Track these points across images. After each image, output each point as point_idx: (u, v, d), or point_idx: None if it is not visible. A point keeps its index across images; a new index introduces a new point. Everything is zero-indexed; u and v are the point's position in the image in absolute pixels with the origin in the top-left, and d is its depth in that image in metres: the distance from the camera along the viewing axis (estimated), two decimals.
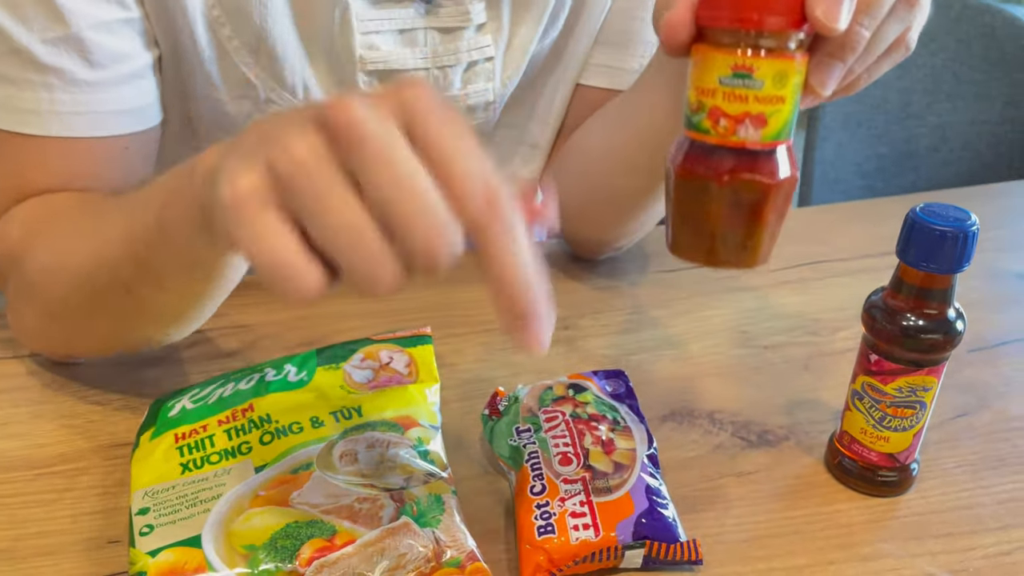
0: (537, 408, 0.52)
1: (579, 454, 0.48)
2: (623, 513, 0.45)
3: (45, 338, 0.57)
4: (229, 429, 0.48)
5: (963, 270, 0.44)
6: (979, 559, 0.47)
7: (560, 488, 0.46)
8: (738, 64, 0.34)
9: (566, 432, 0.49)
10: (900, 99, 1.16)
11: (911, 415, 0.48)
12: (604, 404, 0.52)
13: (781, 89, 0.34)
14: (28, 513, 0.48)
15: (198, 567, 0.40)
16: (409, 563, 0.41)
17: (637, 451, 0.48)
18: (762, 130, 0.35)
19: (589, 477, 0.46)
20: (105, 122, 0.55)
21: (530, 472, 0.47)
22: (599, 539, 0.44)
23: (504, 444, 0.50)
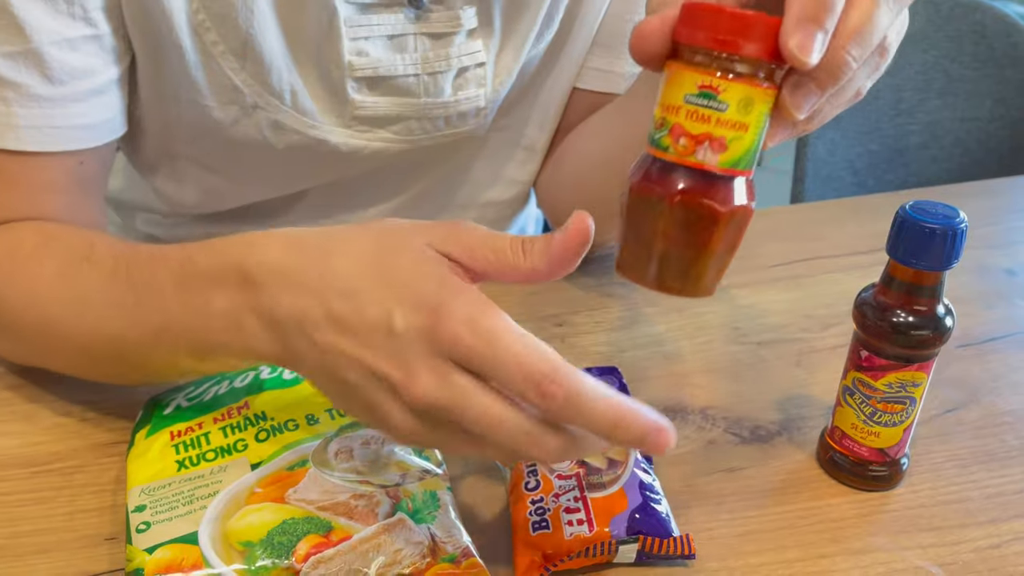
0: None
1: None
2: (617, 508, 0.45)
3: (14, 358, 0.57)
4: (224, 426, 0.49)
5: (952, 267, 0.44)
6: (968, 552, 0.47)
7: (554, 484, 0.46)
8: (705, 84, 0.33)
9: None
10: (891, 96, 1.17)
11: (901, 410, 0.48)
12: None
13: (745, 116, 0.34)
14: (24, 511, 0.48)
15: (195, 564, 0.40)
16: (405, 559, 0.42)
17: (629, 452, 0.49)
18: (721, 155, 0.34)
19: (583, 473, 0.47)
20: (61, 137, 0.54)
21: (524, 468, 0.48)
22: (593, 534, 0.44)
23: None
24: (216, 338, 0.43)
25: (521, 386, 0.35)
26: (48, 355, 0.54)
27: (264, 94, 0.59)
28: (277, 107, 0.60)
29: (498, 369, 0.36)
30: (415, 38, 0.62)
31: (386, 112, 0.63)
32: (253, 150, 0.63)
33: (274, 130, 0.61)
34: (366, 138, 0.63)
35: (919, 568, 0.46)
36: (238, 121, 0.60)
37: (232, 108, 0.60)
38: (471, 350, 0.36)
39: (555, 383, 0.35)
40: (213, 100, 0.60)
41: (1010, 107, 1.18)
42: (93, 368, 0.53)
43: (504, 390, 0.37)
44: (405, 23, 0.61)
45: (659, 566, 0.46)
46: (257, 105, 0.60)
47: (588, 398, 0.35)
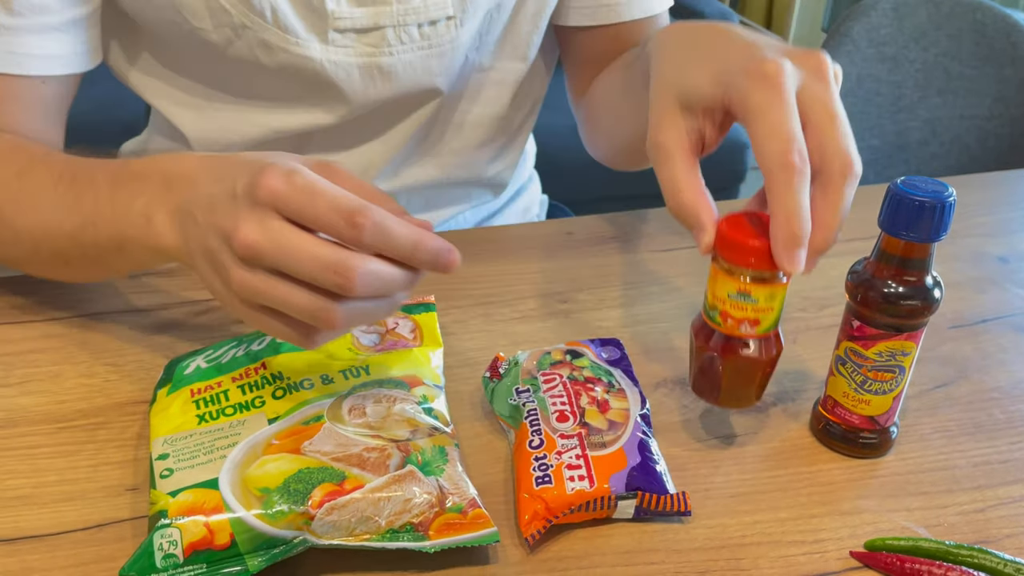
0: (536, 371, 0.54)
1: (575, 412, 0.50)
2: (617, 466, 0.47)
3: None
4: (243, 385, 0.51)
5: (941, 239, 0.46)
6: (954, 515, 0.49)
7: (557, 442, 0.48)
8: (741, 288, 0.46)
9: (563, 392, 0.52)
10: (892, 93, 1.19)
11: (891, 379, 0.50)
12: (600, 369, 0.54)
13: (771, 303, 0.47)
14: (50, 463, 0.51)
15: (215, 507, 0.42)
16: (414, 508, 0.44)
17: (631, 411, 0.51)
18: (756, 327, 0.48)
19: (585, 433, 0.49)
20: (19, 62, 0.60)
21: (529, 428, 0.50)
22: (593, 489, 0.46)
23: (504, 404, 0.53)
24: (132, 230, 0.50)
25: (334, 222, 0.41)
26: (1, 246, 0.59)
27: (248, 13, 0.62)
28: (262, 26, 0.63)
29: (312, 210, 0.41)
30: None
31: (364, 23, 0.65)
32: (250, 74, 0.66)
33: (263, 50, 0.64)
34: (347, 53, 0.66)
35: (905, 528, 0.48)
36: (232, 43, 0.64)
37: (225, 30, 0.63)
38: (288, 197, 0.41)
39: (363, 215, 0.41)
40: (208, 23, 0.63)
41: (1009, 105, 1.20)
42: (31, 259, 0.59)
43: (322, 230, 0.41)
44: None
45: (656, 522, 0.48)
46: (244, 25, 0.63)
47: (392, 224, 0.41)
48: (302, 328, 0.44)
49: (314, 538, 0.43)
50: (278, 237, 0.41)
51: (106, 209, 0.52)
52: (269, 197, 0.41)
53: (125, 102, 0.82)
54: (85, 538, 0.46)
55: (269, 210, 0.41)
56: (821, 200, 0.44)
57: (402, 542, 0.43)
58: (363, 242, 0.41)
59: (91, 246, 0.53)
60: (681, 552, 0.46)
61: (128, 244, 0.51)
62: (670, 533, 0.47)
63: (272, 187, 0.41)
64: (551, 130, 1.33)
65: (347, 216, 0.41)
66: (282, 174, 0.41)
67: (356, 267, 0.41)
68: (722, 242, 0.48)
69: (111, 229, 0.51)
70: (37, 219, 0.55)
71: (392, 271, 0.43)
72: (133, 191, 0.50)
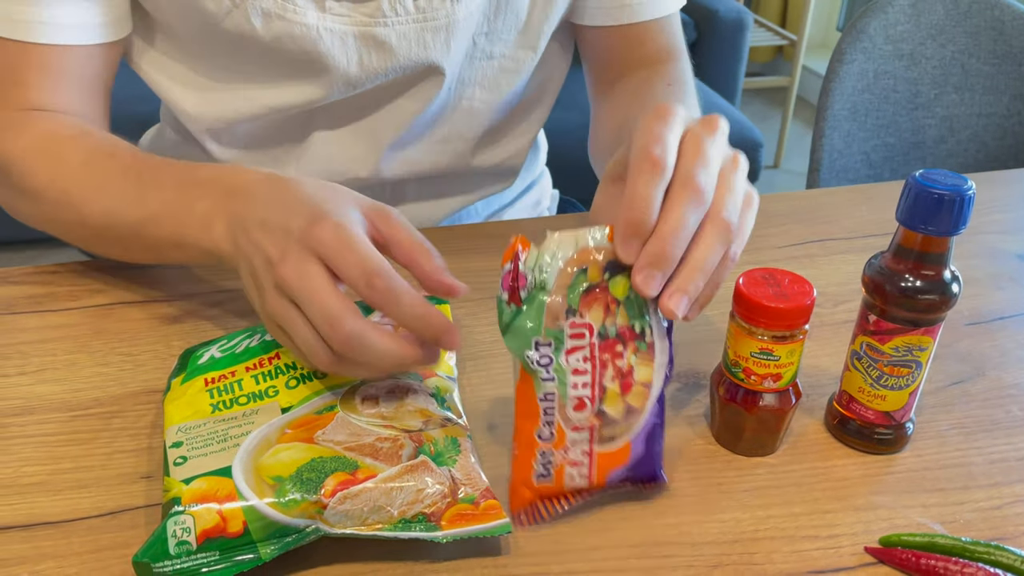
0: (563, 312, 0.45)
1: (594, 398, 0.46)
2: (619, 462, 0.47)
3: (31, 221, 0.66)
4: (256, 374, 0.51)
5: (960, 232, 0.46)
6: (970, 512, 0.49)
7: (567, 437, 0.46)
8: (764, 347, 0.49)
9: (589, 362, 0.45)
10: (908, 90, 1.18)
11: (907, 374, 0.50)
12: (635, 302, 0.46)
13: (790, 358, 0.49)
14: (65, 451, 0.51)
15: (229, 495, 0.42)
16: (426, 498, 0.44)
17: (653, 384, 0.47)
18: (778, 382, 0.50)
19: (598, 425, 0.47)
20: (59, 33, 0.62)
21: (541, 413, 0.46)
22: (589, 485, 0.47)
23: (519, 348, 0.45)
24: (192, 231, 0.54)
25: (356, 279, 0.45)
26: (60, 225, 0.63)
27: None
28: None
29: (344, 263, 0.45)
30: None
31: None
32: (245, 47, 0.66)
33: (262, 19, 0.65)
34: (343, 21, 0.66)
35: (921, 524, 0.48)
36: (230, 12, 0.64)
37: (224, 0, 0.64)
38: (328, 247, 0.46)
39: (379, 277, 0.45)
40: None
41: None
42: (93, 241, 0.62)
43: (345, 281, 0.46)
44: None
45: (670, 515, 0.48)
46: None
47: (403, 292, 0.45)
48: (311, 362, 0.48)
49: (326, 527, 0.43)
50: (306, 279, 0.46)
51: (169, 208, 0.56)
52: (315, 245, 0.46)
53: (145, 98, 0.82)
54: (99, 525, 0.46)
55: (311, 255, 0.46)
56: (664, 210, 0.44)
57: (414, 532, 0.43)
58: (375, 302, 0.45)
59: (151, 238, 0.57)
60: (695, 545, 0.46)
61: (186, 243, 0.55)
62: (684, 527, 0.47)
63: (320, 237, 0.46)
64: (562, 127, 1.33)
65: (367, 275, 0.45)
66: (332, 227, 0.46)
67: (346, 326, 0.44)
68: (740, 303, 0.49)
69: (172, 227, 0.55)
70: (103, 206, 0.59)
71: (385, 345, 0.45)
72: (196, 196, 0.54)
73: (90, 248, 0.65)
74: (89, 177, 0.60)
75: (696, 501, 0.49)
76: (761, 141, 2.23)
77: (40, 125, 0.63)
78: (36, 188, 0.61)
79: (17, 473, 0.49)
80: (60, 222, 0.63)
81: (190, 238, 0.54)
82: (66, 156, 0.61)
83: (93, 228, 0.60)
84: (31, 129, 0.63)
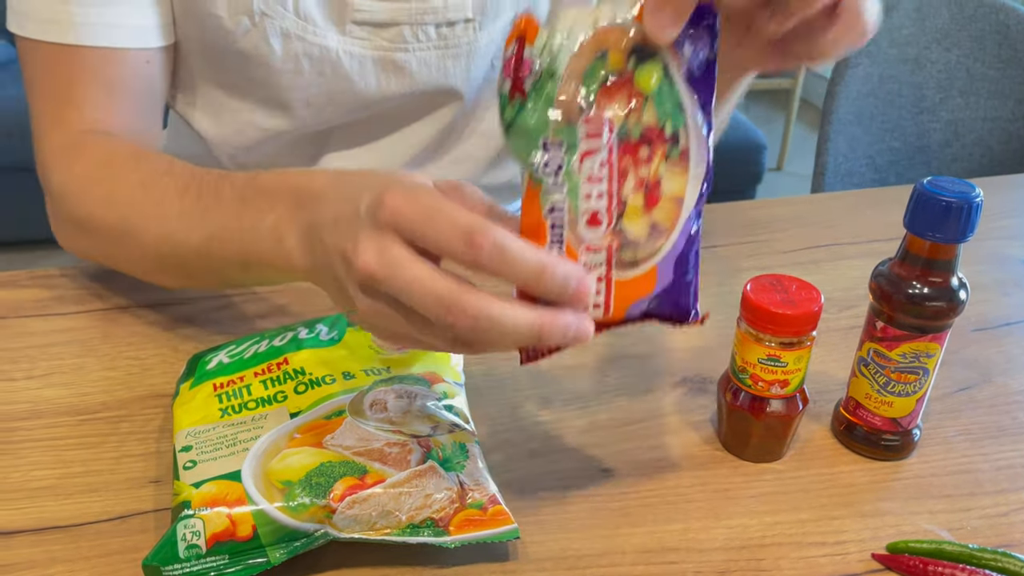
0: (578, 100, 0.38)
1: (612, 212, 0.39)
2: (642, 291, 0.40)
3: (85, 254, 0.63)
4: (265, 380, 0.51)
5: (967, 239, 0.46)
6: (976, 519, 0.49)
7: (580, 259, 0.39)
8: (771, 354, 0.49)
9: (606, 168, 0.38)
10: (913, 94, 1.18)
11: (914, 380, 0.50)
12: (668, 96, 0.38)
13: (798, 364, 0.49)
14: (74, 455, 0.51)
15: (238, 499, 0.43)
16: (434, 503, 0.44)
17: (685, 201, 0.39)
18: (785, 388, 0.50)
19: (617, 245, 0.39)
20: (114, 34, 0.60)
21: (548, 230, 0.39)
22: (605, 318, 0.40)
23: (523, 149, 0.39)
24: (261, 247, 0.48)
25: (452, 242, 0.38)
26: (119, 254, 0.60)
27: (270, 2, 0.63)
28: (281, 13, 0.63)
29: (433, 230, 0.38)
30: None
31: (381, 17, 0.66)
32: (262, 65, 0.66)
33: (280, 39, 0.65)
34: (363, 45, 0.66)
35: (928, 531, 0.48)
36: (248, 31, 0.64)
37: (242, 18, 0.63)
38: (409, 216, 0.38)
39: (482, 235, 0.37)
40: (224, 10, 0.63)
41: None
42: (156, 271, 0.59)
43: (440, 251, 0.39)
44: None
45: (676, 521, 0.48)
46: (264, 12, 0.63)
47: (514, 247, 0.37)
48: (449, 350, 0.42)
49: (335, 531, 0.43)
50: (395, 266, 0.39)
51: (233, 225, 0.50)
52: (390, 217, 0.39)
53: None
54: (109, 529, 0.46)
55: (389, 232, 0.39)
56: None
57: (422, 537, 0.43)
58: (481, 263, 0.37)
59: (216, 260, 0.52)
60: (701, 552, 0.46)
61: (255, 262, 0.49)
62: (691, 533, 0.47)
63: (394, 206, 0.39)
64: None
65: (465, 235, 0.37)
66: (405, 192, 0.39)
67: (466, 306, 0.37)
68: (748, 309, 0.49)
69: (237, 246, 0.50)
70: (162, 231, 0.54)
71: (511, 313, 0.38)
72: (261, 208, 0.49)
73: (153, 280, 0.60)
74: (146, 199, 0.56)
75: (703, 507, 0.49)
76: (764, 143, 2.23)
77: (95, 150, 0.60)
78: (91, 216, 0.58)
79: (26, 477, 0.49)
80: (119, 254, 0.59)
81: (259, 256, 0.49)
82: (122, 180, 0.58)
83: (154, 257, 0.56)
84: (86, 155, 0.60)
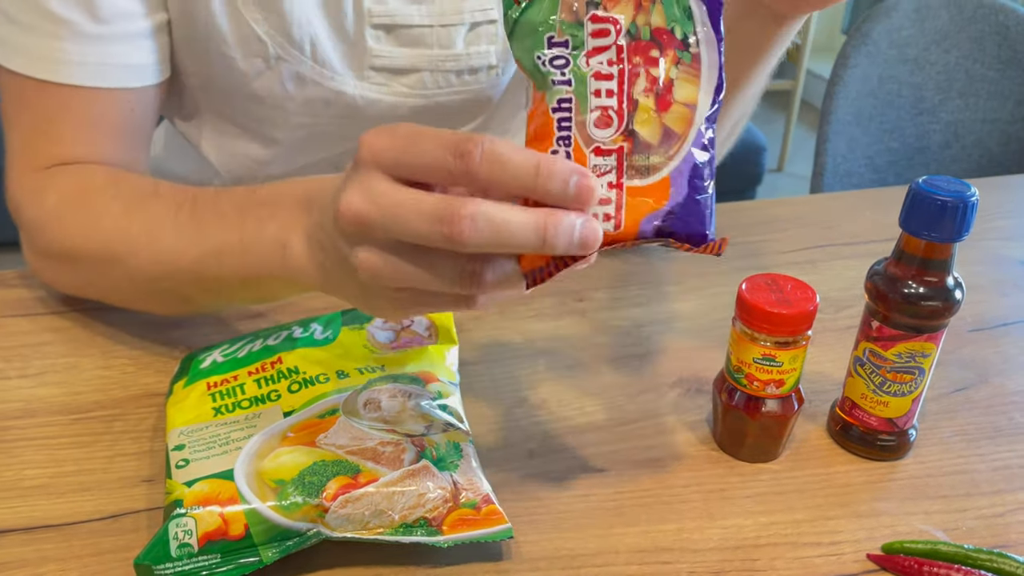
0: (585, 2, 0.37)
1: (623, 111, 0.37)
2: (655, 203, 0.37)
3: (67, 288, 0.61)
4: (259, 379, 0.51)
5: (963, 239, 0.46)
6: (972, 519, 0.49)
7: (589, 161, 0.37)
8: (766, 353, 0.49)
9: (615, 66, 0.37)
10: (913, 95, 1.18)
11: (910, 380, 0.50)
12: (676, 1, 0.38)
13: (795, 363, 0.49)
14: (66, 454, 0.51)
15: (231, 498, 0.42)
16: (428, 503, 0.44)
17: (698, 108, 0.38)
18: (780, 388, 0.50)
19: (628, 149, 0.37)
20: (108, 74, 0.58)
21: (555, 129, 0.37)
22: (616, 233, 0.37)
23: (528, 54, 0.37)
24: (265, 259, 0.47)
25: (440, 158, 0.35)
26: (103, 283, 0.57)
27: (286, 45, 0.62)
28: (298, 59, 0.62)
29: (417, 152, 0.36)
30: None
31: (401, 64, 0.65)
32: (275, 107, 0.66)
33: (295, 82, 0.64)
34: (381, 91, 0.66)
35: (923, 532, 0.48)
36: (261, 74, 0.63)
37: (256, 60, 0.62)
38: (390, 146, 0.37)
39: (472, 142, 0.35)
40: (238, 52, 0.62)
41: None
42: (145, 297, 0.56)
43: (429, 172, 0.36)
44: None
45: (671, 522, 0.48)
46: (280, 57, 0.62)
47: (506, 149, 0.35)
48: (460, 301, 0.40)
49: (328, 531, 0.43)
50: (379, 198, 0.36)
51: (233, 238, 0.48)
52: (370, 155, 0.37)
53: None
54: (101, 528, 0.46)
55: (372, 170, 0.37)
56: None
57: (416, 536, 0.43)
58: (474, 172, 0.35)
59: (214, 279, 0.50)
60: (696, 552, 0.46)
61: (258, 275, 0.48)
62: (686, 533, 0.47)
63: (372, 142, 0.37)
64: None
65: (453, 146, 0.35)
66: (384, 129, 0.37)
67: (461, 210, 0.35)
68: (743, 308, 0.49)
69: (238, 260, 0.48)
70: (153, 253, 0.52)
71: (510, 211, 0.35)
72: (262, 217, 0.47)
73: (142, 308, 0.58)
74: (132, 225, 0.53)
75: (698, 507, 0.49)
76: (765, 144, 2.23)
77: (67, 180, 0.57)
78: (72, 249, 0.55)
79: (18, 476, 0.49)
80: (104, 283, 0.57)
81: (263, 268, 0.47)
82: (102, 208, 0.55)
83: (144, 281, 0.54)
84: (58, 186, 0.57)
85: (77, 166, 0.58)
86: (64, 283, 0.60)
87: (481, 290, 0.38)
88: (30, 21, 0.56)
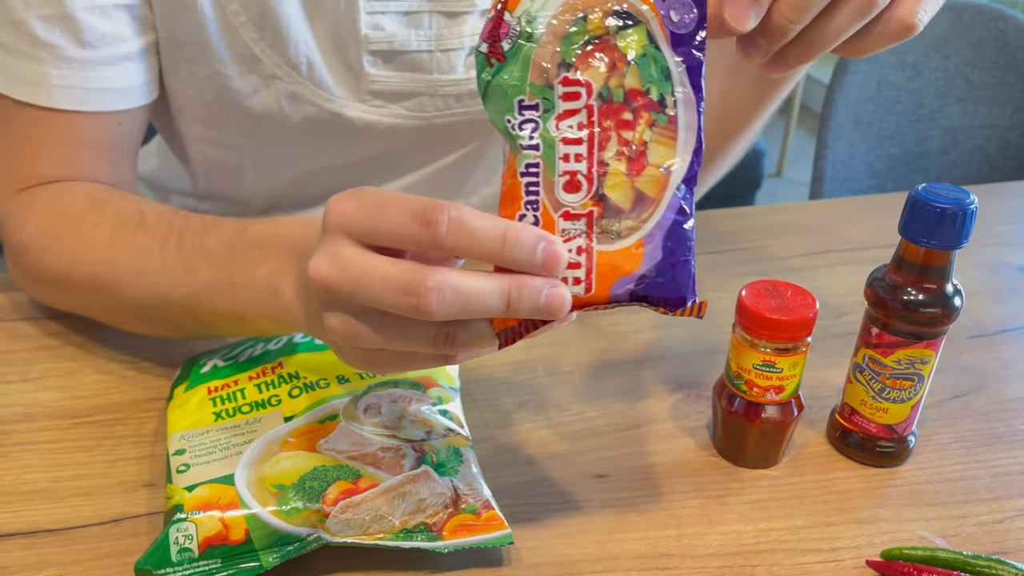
0: (556, 67, 0.37)
1: (592, 176, 0.37)
2: (627, 267, 0.37)
3: (57, 307, 0.61)
4: (259, 383, 0.51)
5: (962, 246, 0.46)
6: (971, 526, 0.49)
7: (557, 226, 0.37)
8: (766, 359, 0.48)
9: (586, 130, 0.37)
10: (912, 101, 1.19)
11: (909, 387, 0.50)
12: (653, 62, 0.37)
13: (793, 370, 0.49)
14: (67, 458, 0.51)
15: (231, 503, 0.42)
16: (428, 508, 0.44)
17: (673, 170, 0.37)
18: (780, 394, 0.50)
19: (598, 213, 0.37)
20: (90, 98, 0.57)
21: (523, 194, 0.37)
22: (587, 297, 0.37)
23: (500, 118, 0.37)
24: (256, 301, 0.48)
25: (407, 226, 0.36)
26: (94, 310, 0.57)
27: (282, 64, 0.61)
28: (295, 78, 0.62)
29: (384, 220, 0.36)
30: (430, 16, 0.64)
31: (399, 88, 0.65)
32: (270, 125, 0.65)
33: (291, 101, 0.63)
34: (380, 113, 0.65)
35: (922, 538, 0.48)
36: (257, 91, 0.62)
37: (252, 77, 0.62)
38: (356, 214, 0.37)
39: (437, 210, 0.35)
40: (233, 70, 0.62)
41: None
42: (137, 323, 0.56)
43: (396, 240, 0.36)
44: (421, 1, 0.63)
45: (670, 528, 0.48)
46: (276, 76, 0.62)
47: (471, 217, 0.35)
48: (437, 359, 0.40)
49: (328, 536, 0.43)
50: (346, 265, 0.37)
51: (223, 279, 0.48)
52: (338, 220, 0.37)
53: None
54: (101, 532, 0.46)
55: (339, 237, 0.37)
56: None
57: (416, 542, 0.43)
58: (440, 241, 0.35)
59: (206, 315, 0.51)
60: (695, 558, 0.46)
61: (249, 315, 0.48)
62: (685, 539, 0.47)
63: (340, 209, 0.37)
64: None
65: (418, 215, 0.35)
66: (350, 193, 0.38)
67: (426, 282, 0.35)
68: (743, 314, 0.49)
69: (229, 300, 0.49)
70: (143, 287, 0.52)
71: (476, 282, 0.36)
72: (253, 260, 0.47)
73: (133, 329, 0.57)
74: (119, 255, 0.53)
75: (697, 513, 0.49)
76: (764, 150, 2.23)
77: (47, 203, 0.56)
78: (58, 276, 0.55)
79: (19, 480, 0.49)
80: (94, 307, 0.57)
81: (253, 310, 0.48)
82: (84, 236, 0.54)
83: (135, 309, 0.54)
84: (38, 210, 0.56)
85: (57, 186, 0.58)
86: (52, 303, 0.60)
87: (455, 351, 0.39)
88: (13, 44, 0.55)
